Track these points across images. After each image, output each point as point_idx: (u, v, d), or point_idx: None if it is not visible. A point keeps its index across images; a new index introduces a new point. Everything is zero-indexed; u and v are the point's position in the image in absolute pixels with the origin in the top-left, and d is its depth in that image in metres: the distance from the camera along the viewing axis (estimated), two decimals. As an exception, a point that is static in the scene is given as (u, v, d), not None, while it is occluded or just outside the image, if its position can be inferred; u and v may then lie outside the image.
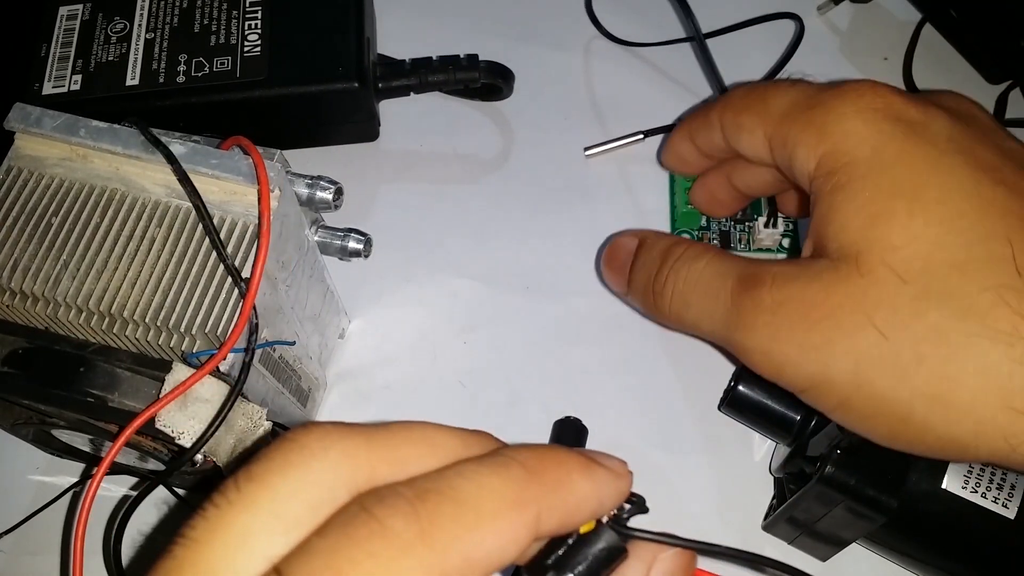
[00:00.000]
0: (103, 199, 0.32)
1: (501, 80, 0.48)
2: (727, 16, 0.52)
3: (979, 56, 0.53)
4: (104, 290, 0.30)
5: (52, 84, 0.43)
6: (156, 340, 0.30)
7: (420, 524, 0.15)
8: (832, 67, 0.54)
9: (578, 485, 0.18)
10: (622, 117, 0.51)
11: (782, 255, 0.47)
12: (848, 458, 0.32)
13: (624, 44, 0.53)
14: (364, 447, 0.17)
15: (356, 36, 0.45)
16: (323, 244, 0.37)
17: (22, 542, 0.39)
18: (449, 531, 0.15)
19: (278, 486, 0.16)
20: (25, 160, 0.33)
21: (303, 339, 0.38)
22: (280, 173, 0.32)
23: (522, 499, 0.17)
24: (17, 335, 0.31)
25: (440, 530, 0.15)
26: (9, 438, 0.37)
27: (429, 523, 0.15)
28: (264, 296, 0.32)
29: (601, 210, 0.48)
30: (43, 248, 0.31)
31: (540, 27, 0.54)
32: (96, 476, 0.28)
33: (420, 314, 0.45)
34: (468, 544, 0.16)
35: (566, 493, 0.17)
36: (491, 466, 0.17)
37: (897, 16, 0.56)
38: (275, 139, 0.35)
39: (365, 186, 0.47)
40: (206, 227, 0.31)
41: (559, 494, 0.17)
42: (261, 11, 0.45)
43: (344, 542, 0.15)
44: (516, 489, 0.17)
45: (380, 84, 0.46)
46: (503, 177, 0.49)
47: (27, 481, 0.41)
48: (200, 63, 0.43)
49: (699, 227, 0.48)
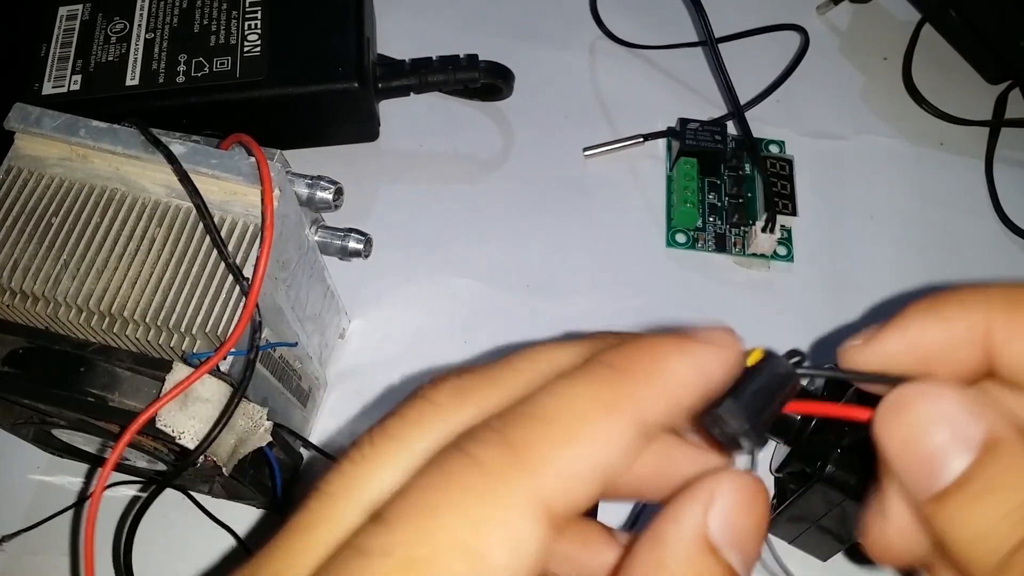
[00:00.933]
0: (103, 199, 0.32)
1: (501, 80, 0.48)
2: (731, 23, 0.52)
3: (979, 56, 0.53)
4: (104, 290, 0.30)
5: (52, 84, 0.43)
6: (156, 340, 0.30)
7: (512, 450, 0.15)
8: (832, 67, 0.54)
9: (675, 369, 0.17)
10: (622, 118, 0.51)
11: (776, 262, 0.47)
12: (848, 458, 0.32)
13: (628, 46, 0.53)
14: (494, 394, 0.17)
15: (356, 36, 0.45)
16: (323, 244, 0.37)
17: (24, 542, 0.39)
18: (541, 451, 0.15)
19: (412, 442, 0.16)
20: (25, 160, 0.33)
21: (303, 339, 0.38)
22: (280, 173, 0.32)
23: (613, 401, 0.16)
24: (17, 335, 0.31)
25: (532, 452, 0.15)
26: (9, 438, 0.37)
27: (522, 447, 0.15)
28: (265, 296, 0.32)
29: (600, 210, 0.48)
30: (43, 248, 0.31)
31: (542, 27, 0.54)
32: (100, 480, 0.28)
33: (420, 314, 0.45)
34: (565, 460, 0.15)
35: (664, 381, 0.17)
36: (578, 376, 0.17)
37: (897, 16, 0.56)
38: (275, 139, 0.35)
39: (365, 186, 0.47)
40: (207, 226, 0.31)
41: (656, 385, 0.17)
42: (261, 11, 0.45)
43: (439, 479, 0.15)
44: (606, 392, 0.16)
45: (380, 84, 0.46)
46: (503, 177, 0.49)
47: (27, 481, 0.41)
48: (200, 63, 0.43)
49: (695, 228, 0.48)
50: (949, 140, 0.52)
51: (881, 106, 0.53)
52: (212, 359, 0.29)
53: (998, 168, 0.50)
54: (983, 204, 0.50)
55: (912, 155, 0.51)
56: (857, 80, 0.54)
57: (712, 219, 0.48)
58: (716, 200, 0.48)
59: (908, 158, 0.51)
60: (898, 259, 0.48)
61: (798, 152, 0.50)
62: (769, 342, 0.49)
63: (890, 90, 0.53)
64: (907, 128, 0.52)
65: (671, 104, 0.51)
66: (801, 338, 0.45)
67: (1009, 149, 0.51)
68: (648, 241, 0.47)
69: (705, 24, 0.48)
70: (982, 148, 0.51)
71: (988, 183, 0.50)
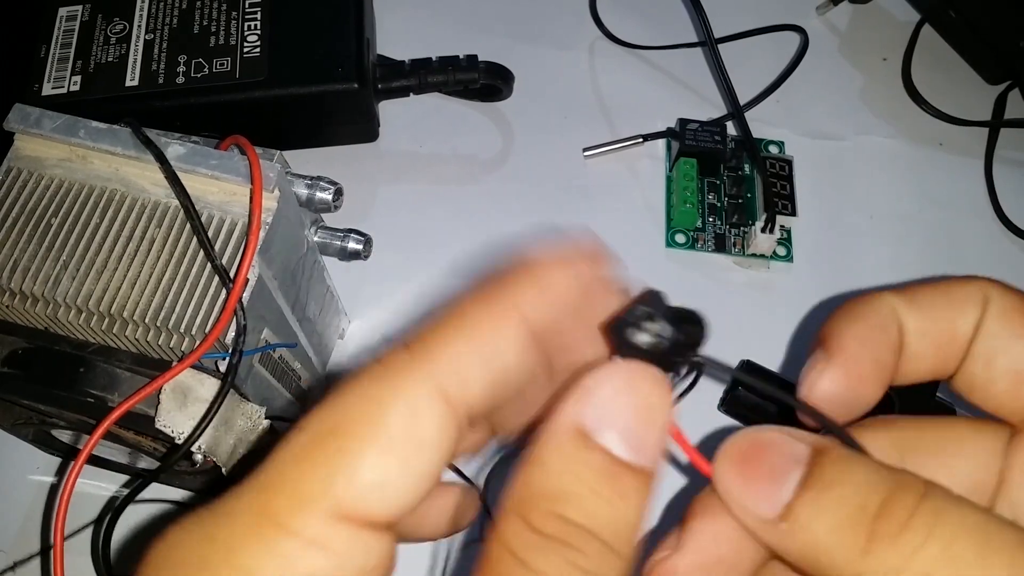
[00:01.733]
0: (103, 200, 0.32)
1: (501, 80, 0.48)
2: (731, 23, 0.52)
3: (978, 56, 0.53)
4: (104, 290, 0.30)
5: (51, 85, 0.43)
6: (156, 340, 0.30)
7: (410, 351, 0.18)
8: (832, 67, 0.54)
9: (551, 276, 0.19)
10: (621, 119, 0.51)
11: (776, 262, 0.47)
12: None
13: (628, 46, 0.53)
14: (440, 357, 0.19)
15: (356, 37, 0.45)
16: (323, 244, 0.37)
17: (22, 542, 0.39)
18: (433, 346, 0.18)
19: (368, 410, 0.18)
20: (25, 161, 0.33)
21: (303, 339, 0.38)
22: (280, 173, 0.32)
23: (496, 302, 0.19)
24: (17, 335, 0.31)
25: (425, 347, 0.18)
26: (9, 438, 0.37)
27: (418, 346, 0.18)
28: (264, 296, 0.32)
29: (600, 210, 0.48)
30: (43, 248, 0.31)
31: (542, 28, 0.54)
32: (74, 468, 0.28)
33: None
34: (454, 350, 0.18)
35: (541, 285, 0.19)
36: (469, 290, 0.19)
37: (896, 16, 0.56)
38: (275, 140, 0.35)
39: (365, 186, 0.47)
40: (194, 227, 0.31)
41: (533, 288, 0.19)
42: (261, 12, 0.45)
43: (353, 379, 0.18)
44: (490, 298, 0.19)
45: (380, 85, 0.46)
46: (503, 177, 0.49)
47: (27, 481, 0.41)
48: (199, 64, 0.43)
49: (695, 228, 0.48)
50: (949, 140, 0.52)
51: (881, 106, 0.53)
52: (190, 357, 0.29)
53: (998, 168, 0.50)
54: (982, 204, 0.50)
55: (912, 155, 0.51)
56: (857, 80, 0.54)
57: (712, 219, 0.48)
58: (716, 200, 0.48)
59: (908, 158, 0.51)
60: (897, 259, 0.48)
61: (798, 152, 0.50)
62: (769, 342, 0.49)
63: (890, 90, 0.53)
64: (907, 128, 0.52)
65: (671, 104, 0.51)
66: (801, 338, 0.45)
67: (1009, 149, 0.51)
68: (648, 241, 0.47)
69: (705, 24, 0.48)
70: (982, 148, 0.51)
71: (988, 183, 0.50)
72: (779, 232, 0.46)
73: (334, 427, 0.17)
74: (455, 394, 0.17)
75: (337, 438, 0.17)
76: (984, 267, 0.48)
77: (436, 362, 0.17)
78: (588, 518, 0.17)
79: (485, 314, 0.19)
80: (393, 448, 0.17)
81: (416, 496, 0.17)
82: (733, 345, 0.44)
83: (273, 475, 0.17)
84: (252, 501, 0.16)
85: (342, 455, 0.16)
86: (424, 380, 0.17)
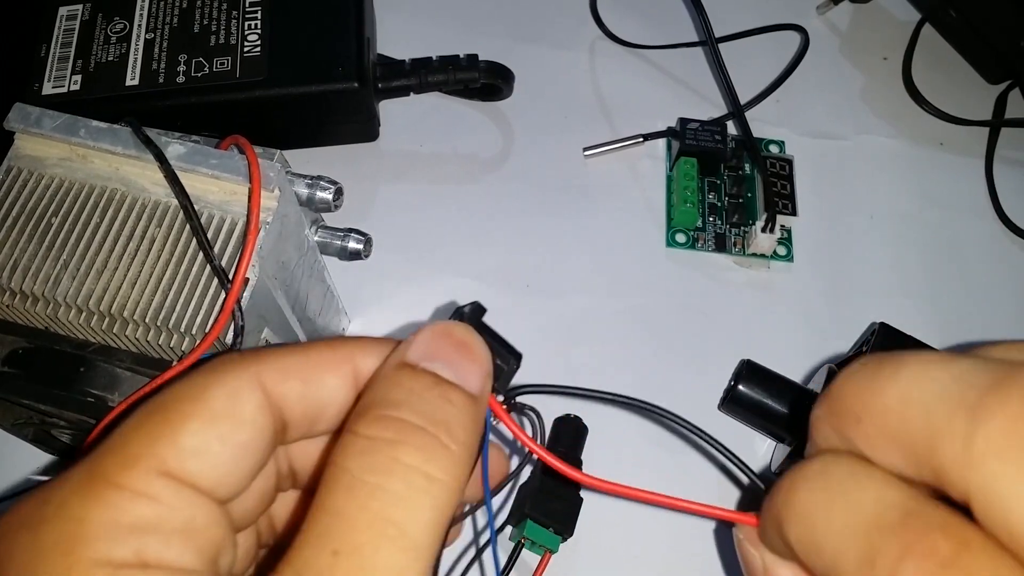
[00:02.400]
0: (103, 199, 0.32)
1: (501, 80, 0.48)
2: (731, 23, 0.52)
3: (979, 56, 0.53)
4: (104, 290, 0.30)
5: (52, 84, 0.43)
6: (156, 340, 0.30)
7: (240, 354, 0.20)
8: (832, 67, 0.54)
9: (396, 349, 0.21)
10: (622, 118, 0.51)
11: (776, 261, 0.47)
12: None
13: (628, 46, 0.53)
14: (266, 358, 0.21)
15: (356, 36, 0.45)
16: (323, 244, 0.37)
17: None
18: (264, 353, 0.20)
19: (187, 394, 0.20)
20: (25, 160, 0.33)
21: (303, 339, 0.38)
22: (280, 173, 0.32)
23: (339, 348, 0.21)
24: (17, 335, 0.31)
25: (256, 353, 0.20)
26: (9, 438, 0.37)
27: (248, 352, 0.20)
28: (264, 296, 0.32)
29: (600, 210, 0.48)
30: (43, 248, 0.31)
31: (542, 28, 0.54)
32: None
33: (420, 314, 0.45)
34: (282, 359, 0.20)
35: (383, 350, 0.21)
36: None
37: (897, 16, 0.56)
38: (275, 139, 0.35)
39: (365, 186, 0.47)
40: (193, 227, 0.30)
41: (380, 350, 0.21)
42: (261, 11, 0.45)
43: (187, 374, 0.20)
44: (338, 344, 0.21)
45: (380, 84, 0.46)
46: (503, 177, 0.49)
47: (27, 481, 0.41)
48: (200, 63, 0.43)
49: (695, 227, 0.48)
50: (949, 140, 0.52)
51: (881, 106, 0.53)
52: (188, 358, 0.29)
53: (998, 168, 0.50)
54: (983, 204, 0.50)
55: (912, 155, 0.51)
56: (857, 80, 0.54)
57: (712, 219, 0.48)
58: (716, 200, 0.48)
59: (908, 158, 0.51)
60: (898, 259, 0.48)
61: (798, 152, 0.50)
62: (769, 342, 0.49)
63: (890, 90, 0.53)
64: (907, 128, 0.52)
65: (671, 104, 0.51)
66: (801, 338, 0.45)
67: (1009, 149, 0.51)
68: (648, 241, 0.47)
69: (705, 24, 0.48)
70: (982, 148, 0.51)
71: (988, 183, 0.50)
72: (779, 232, 0.46)
73: (161, 404, 0.19)
74: (273, 389, 0.19)
75: (164, 412, 0.18)
76: (984, 267, 0.48)
77: (261, 362, 0.19)
78: (416, 415, 0.18)
79: (328, 351, 0.20)
80: (213, 421, 0.18)
81: (238, 474, 0.19)
82: (733, 345, 0.44)
83: (104, 444, 0.18)
84: (83, 466, 0.18)
85: (167, 424, 0.18)
86: (246, 371, 0.19)
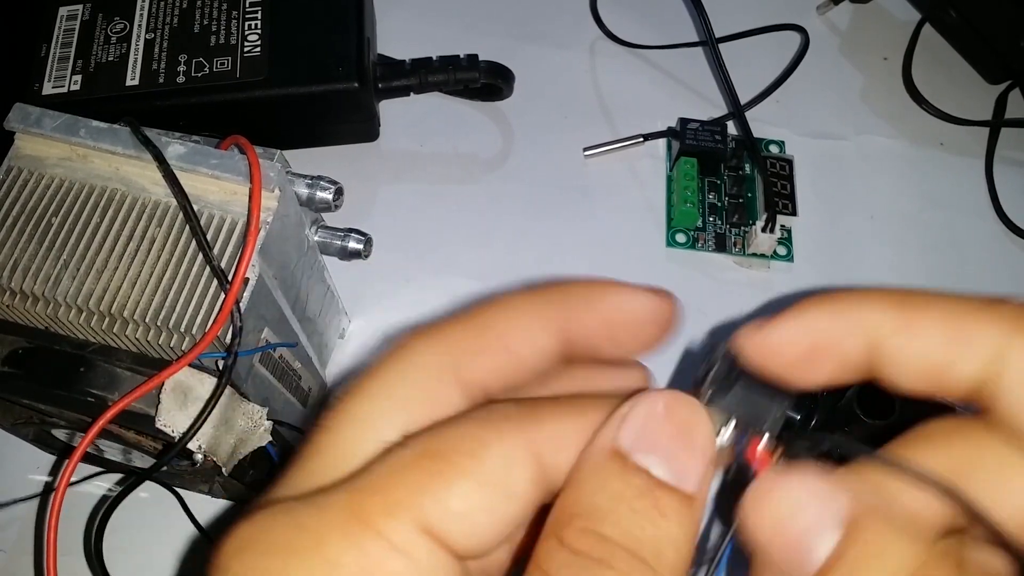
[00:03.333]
0: (103, 199, 0.32)
1: (501, 80, 0.48)
2: (731, 23, 0.52)
3: (979, 56, 0.53)
4: (104, 290, 0.30)
5: (52, 84, 0.43)
6: (156, 340, 0.30)
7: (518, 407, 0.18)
8: (832, 67, 0.54)
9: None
10: (622, 118, 0.51)
11: (776, 261, 0.47)
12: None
13: (628, 46, 0.53)
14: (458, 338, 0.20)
15: (356, 36, 0.45)
16: (323, 244, 0.37)
17: (22, 542, 0.39)
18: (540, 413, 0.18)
19: (386, 376, 0.19)
20: (25, 160, 0.33)
21: (303, 339, 0.38)
22: (280, 173, 0.32)
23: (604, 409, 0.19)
24: (17, 335, 0.31)
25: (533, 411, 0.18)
26: (9, 438, 0.37)
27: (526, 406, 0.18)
28: (264, 296, 0.32)
29: (600, 210, 0.48)
30: (43, 248, 0.31)
31: (542, 28, 0.54)
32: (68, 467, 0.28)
33: (420, 314, 0.45)
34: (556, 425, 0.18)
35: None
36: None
37: (897, 16, 0.56)
38: (275, 139, 0.35)
39: (365, 186, 0.47)
40: (192, 228, 0.30)
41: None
42: (261, 11, 0.45)
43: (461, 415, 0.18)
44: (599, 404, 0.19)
45: (380, 84, 0.46)
46: (503, 177, 0.49)
47: (27, 481, 0.41)
48: (200, 63, 0.43)
49: (695, 227, 0.48)
50: (949, 140, 0.52)
51: (881, 106, 0.53)
52: (186, 356, 0.29)
53: (998, 168, 0.50)
54: (983, 204, 0.50)
55: (912, 155, 0.51)
56: (857, 80, 0.54)
57: (712, 219, 0.48)
58: (716, 200, 0.48)
59: (908, 158, 0.51)
60: (898, 259, 0.48)
61: (798, 152, 0.50)
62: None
63: (890, 90, 0.53)
64: (907, 128, 0.52)
65: (671, 104, 0.51)
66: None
67: (1009, 149, 0.51)
68: (648, 241, 0.47)
69: (705, 24, 0.48)
70: (982, 148, 0.51)
71: (988, 183, 0.50)
72: (779, 232, 0.46)
73: (436, 451, 0.17)
74: (546, 461, 0.17)
75: (437, 462, 0.17)
76: (984, 267, 0.48)
77: (539, 428, 0.18)
78: (623, 535, 0.16)
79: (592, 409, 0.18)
80: (485, 487, 0.17)
81: (491, 540, 0.17)
82: (733, 345, 0.44)
83: (369, 480, 0.17)
84: (345, 499, 0.17)
85: (439, 477, 0.17)
86: (524, 438, 0.17)
